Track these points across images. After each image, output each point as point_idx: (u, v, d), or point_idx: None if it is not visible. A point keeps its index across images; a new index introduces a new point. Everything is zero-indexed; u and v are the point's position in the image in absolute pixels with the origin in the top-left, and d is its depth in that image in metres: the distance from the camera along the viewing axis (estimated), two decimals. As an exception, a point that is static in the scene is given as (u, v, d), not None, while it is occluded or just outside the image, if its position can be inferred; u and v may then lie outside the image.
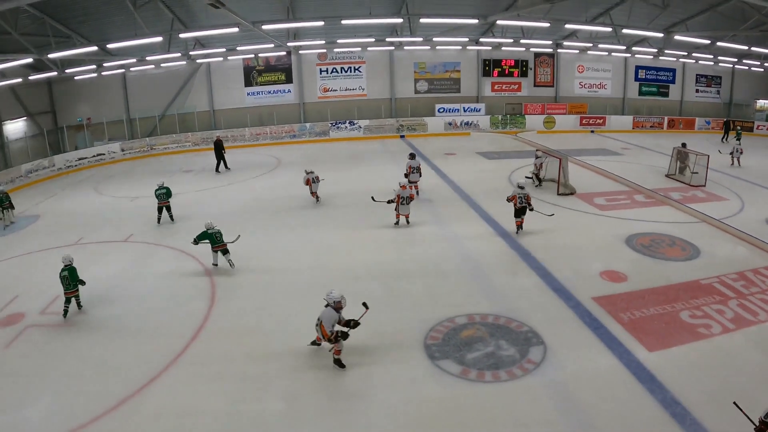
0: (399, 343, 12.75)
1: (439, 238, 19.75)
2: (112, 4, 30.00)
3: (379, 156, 35.00)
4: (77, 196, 30.61)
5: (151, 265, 19.24)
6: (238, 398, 11.16)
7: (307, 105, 45.23)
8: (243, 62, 44.22)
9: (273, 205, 25.14)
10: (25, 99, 40.79)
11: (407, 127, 43.61)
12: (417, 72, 44.64)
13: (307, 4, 31.49)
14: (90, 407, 11.13)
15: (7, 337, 14.52)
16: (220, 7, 15.34)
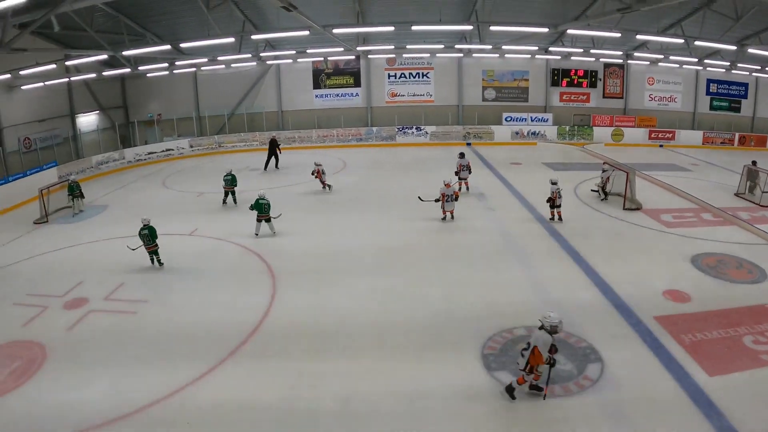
0: (456, 351, 12.73)
1: (501, 248, 19.68)
2: (185, 5, 30.61)
3: (445, 163, 34.88)
4: (145, 189, 31.47)
5: (215, 258, 19.89)
6: (293, 394, 11.38)
7: (374, 109, 45.39)
8: (312, 65, 44.64)
9: (337, 207, 25.55)
10: (98, 93, 42.23)
11: (474, 135, 43.36)
12: (485, 79, 44.31)
13: (377, 9, 31.60)
14: (147, 393, 11.59)
15: (70, 320, 15.41)
16: (293, 11, 15.56)
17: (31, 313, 16.07)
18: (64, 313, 15.97)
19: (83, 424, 10.79)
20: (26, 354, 13.79)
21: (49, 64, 28.89)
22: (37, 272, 19.80)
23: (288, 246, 20.54)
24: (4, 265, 20.67)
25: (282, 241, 21.06)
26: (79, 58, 31.48)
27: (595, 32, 28.91)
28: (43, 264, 20.67)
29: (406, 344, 12.97)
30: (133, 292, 17.12)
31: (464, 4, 29.80)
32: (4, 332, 15.04)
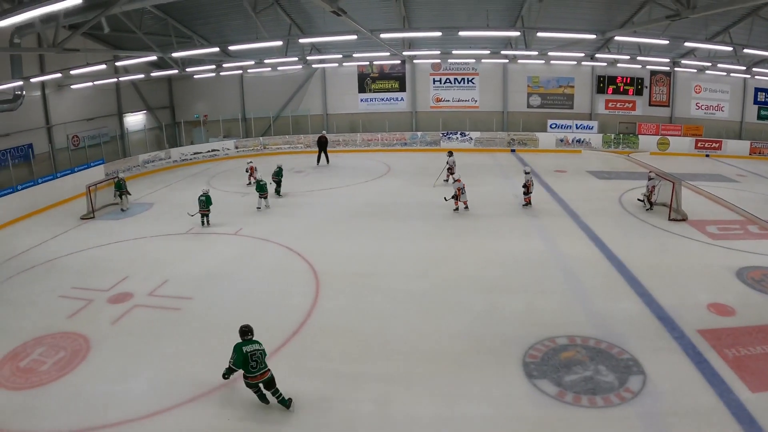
0: (498, 358, 12.60)
1: (545, 255, 19.43)
2: (232, 8, 30.98)
3: (489, 169, 34.78)
4: (190, 188, 31.80)
5: (258, 258, 20.08)
6: (330, 396, 11.39)
7: (419, 114, 45.26)
8: (357, 69, 44.72)
9: (380, 210, 25.56)
10: (145, 94, 43.14)
11: (518, 142, 42.94)
12: (530, 86, 43.83)
13: (423, 14, 31.54)
14: (187, 389, 11.75)
15: (115, 314, 15.74)
16: (341, 15, 15.65)
17: (77, 306, 16.40)
18: (109, 307, 16.26)
19: (124, 416, 10.95)
20: (71, 345, 14.07)
21: (99, 65, 29.40)
22: (83, 266, 20.20)
23: (331, 248, 20.56)
24: (51, 259, 21.18)
25: (325, 244, 21.11)
26: (127, 59, 32.00)
27: (642, 39, 28.52)
28: (89, 259, 21.08)
29: (446, 349, 12.91)
30: (178, 288, 17.31)
31: (510, 10, 29.65)
32: (50, 323, 15.37)
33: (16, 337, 14.67)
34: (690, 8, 17.55)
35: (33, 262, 20.94)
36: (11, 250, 22.55)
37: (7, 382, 12.54)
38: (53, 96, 34.63)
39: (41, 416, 11.18)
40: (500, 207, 24.79)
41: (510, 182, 29.97)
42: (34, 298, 17.47)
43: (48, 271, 20.01)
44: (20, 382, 12.51)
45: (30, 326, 15.29)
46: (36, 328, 15.16)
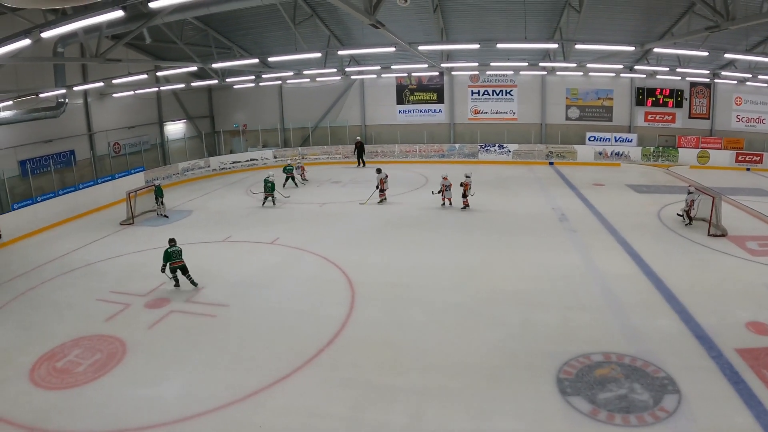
0: (532, 374, 12.42)
1: (581, 270, 19.15)
2: (271, 20, 31.32)
3: (527, 182, 34.53)
4: (229, 196, 32.14)
5: (295, 268, 20.14)
6: (362, 407, 11.35)
7: (457, 126, 45.11)
8: (396, 80, 44.73)
9: (416, 222, 25.52)
10: (186, 103, 43.87)
11: (556, 154, 42.53)
12: (569, 98, 43.29)
13: (461, 26, 31.48)
14: (220, 394, 11.83)
15: (151, 319, 15.98)
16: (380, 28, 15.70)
17: (114, 310, 16.67)
18: (146, 312, 16.49)
19: (157, 419, 11.08)
20: (107, 348, 14.28)
21: (141, 74, 29.84)
22: (122, 271, 20.56)
23: (367, 259, 20.56)
24: (90, 263, 21.61)
25: (361, 254, 21.10)
26: (169, 69, 32.44)
27: (681, 51, 28.14)
28: (128, 263, 21.43)
29: (480, 363, 12.81)
30: (214, 296, 17.48)
31: (548, 21, 29.45)
32: (88, 326, 15.66)
33: (54, 338, 14.98)
34: (729, 20, 17.30)
35: (72, 266, 21.40)
36: (51, 253, 23.11)
37: (43, 381, 12.78)
38: (95, 104, 35.36)
39: (75, 416, 11.35)
40: (537, 220, 24.58)
41: (548, 195, 29.76)
42: (72, 300, 17.84)
43: (86, 274, 20.41)
44: (56, 382, 12.73)
45: (68, 328, 15.59)
46: (73, 329, 15.45)
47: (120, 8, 12.11)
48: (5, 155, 29.13)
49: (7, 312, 17.36)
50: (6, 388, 12.61)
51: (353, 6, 12.52)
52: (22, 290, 19.12)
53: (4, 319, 16.87)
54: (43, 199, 28.09)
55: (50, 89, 27.14)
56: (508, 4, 27.81)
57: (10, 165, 29.19)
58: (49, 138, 31.60)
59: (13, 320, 16.66)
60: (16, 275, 20.78)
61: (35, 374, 13.14)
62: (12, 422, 11.15)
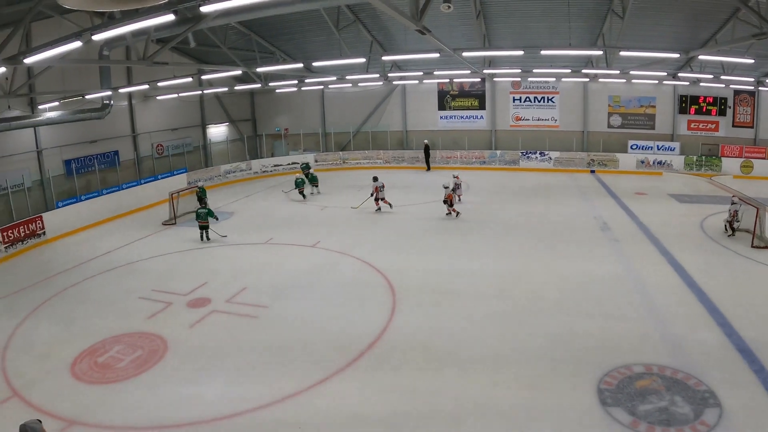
0: (572, 383, 12.23)
1: (623, 280, 18.80)
2: (314, 25, 31.45)
3: (569, 190, 34.14)
4: (270, 199, 32.34)
5: (336, 271, 20.11)
6: (404, 410, 11.25)
7: (498, 132, 44.77)
8: (438, 86, 44.53)
9: (458, 228, 25.34)
10: (228, 106, 44.37)
11: (598, 162, 41.95)
12: (611, 105, 42.55)
13: (503, 32, 31.21)
14: (260, 394, 11.86)
15: (193, 318, 16.14)
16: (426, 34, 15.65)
17: (156, 308, 16.87)
18: (188, 311, 16.65)
19: (196, 417, 11.13)
20: (148, 345, 14.42)
21: (185, 77, 30.14)
22: (164, 270, 20.83)
23: (408, 264, 20.42)
24: (132, 261, 21.93)
25: (402, 259, 21.00)
26: (212, 73, 32.74)
27: (726, 58, 27.69)
28: (170, 263, 21.72)
29: (521, 371, 12.65)
30: (256, 297, 17.52)
31: (591, 28, 29.07)
32: (130, 323, 15.87)
33: (96, 333, 15.21)
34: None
35: (115, 264, 21.74)
36: (94, 251, 23.55)
37: (84, 375, 12.96)
38: (139, 106, 35.88)
39: (115, 411, 11.47)
40: (579, 229, 24.27)
41: (589, 204, 29.40)
42: (114, 297, 18.10)
43: (129, 272, 20.70)
44: (97, 376, 12.90)
45: (110, 324, 15.80)
46: (115, 326, 15.65)
47: (171, 12, 12.20)
48: (51, 154, 29.73)
49: (50, 307, 17.71)
50: (48, 381, 12.80)
51: (400, 12, 12.47)
52: (65, 286, 19.52)
53: (48, 313, 17.20)
54: (87, 198, 28.63)
55: (96, 91, 27.52)
56: (551, 10, 27.48)
57: (55, 164, 29.86)
58: (94, 138, 32.16)
59: (56, 315, 16.97)
60: (59, 271, 21.24)
61: (77, 368, 13.32)
62: (53, 415, 11.26)
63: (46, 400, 11.94)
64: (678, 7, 25.60)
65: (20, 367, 13.72)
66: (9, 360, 14.18)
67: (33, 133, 28.87)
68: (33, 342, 15.18)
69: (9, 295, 19.17)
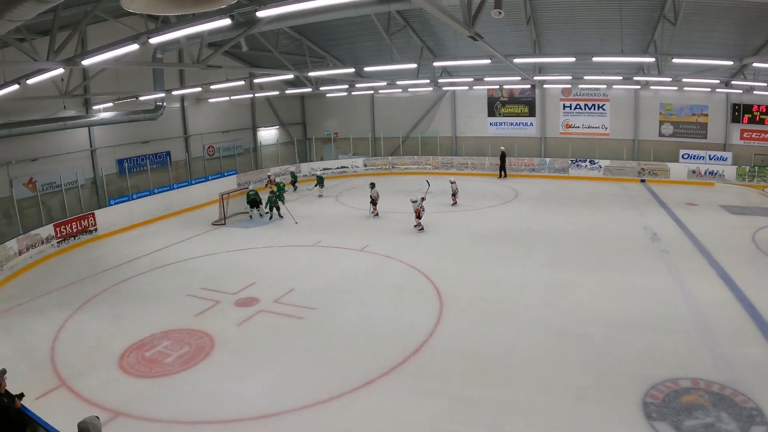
0: (618, 396, 12.01)
1: (672, 292, 18.37)
2: (365, 30, 31.65)
3: (618, 200, 33.58)
4: (319, 202, 32.45)
5: (383, 275, 20.10)
6: (445, 418, 11.21)
7: (548, 140, 44.37)
8: (487, 92, 44.30)
9: (506, 235, 24.99)
10: (279, 110, 44.92)
11: (648, 172, 41.28)
12: (662, 113, 41.64)
13: (554, 38, 30.89)
14: (304, 395, 11.91)
15: (240, 317, 16.35)
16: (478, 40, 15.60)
17: (204, 306, 17.12)
18: (235, 310, 16.85)
19: (240, 414, 11.27)
20: (196, 342, 14.63)
21: (237, 81, 30.51)
22: (213, 269, 21.12)
23: (456, 271, 20.26)
24: (182, 260, 22.33)
25: (450, 266, 20.84)
26: (264, 77, 33.08)
27: (780, 64, 27.11)
28: (219, 262, 22.03)
29: (565, 382, 12.47)
30: (303, 298, 17.60)
31: (642, 34, 28.53)
32: (178, 319, 16.15)
33: (145, 328, 15.52)
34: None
35: (164, 261, 22.18)
36: (145, 248, 24.09)
37: (131, 369, 13.21)
38: (191, 108, 36.51)
39: (160, 405, 11.66)
40: (628, 239, 23.85)
41: (639, 214, 28.90)
42: (163, 294, 18.47)
43: (178, 270, 21.09)
44: (144, 370, 13.13)
45: (158, 320, 16.10)
46: (164, 322, 15.95)
47: (228, 17, 12.37)
48: (104, 154, 30.39)
49: (100, 301, 18.15)
50: (96, 373, 13.09)
51: (453, 18, 12.45)
52: (116, 282, 20.00)
53: (98, 307, 17.65)
54: (139, 197, 29.31)
55: (149, 93, 28.04)
56: (602, 16, 27.14)
57: (108, 163, 30.57)
58: (147, 139, 32.80)
59: (105, 309, 17.39)
60: (110, 267, 21.78)
61: (124, 362, 13.59)
62: (100, 405, 11.50)
63: (93, 391, 12.21)
64: (730, 13, 25.07)
65: (69, 358, 14.09)
66: (58, 351, 14.58)
67: (87, 132, 29.62)
68: (82, 334, 15.60)
69: (60, 289, 19.74)
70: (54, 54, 14.54)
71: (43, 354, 14.46)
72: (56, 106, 27.07)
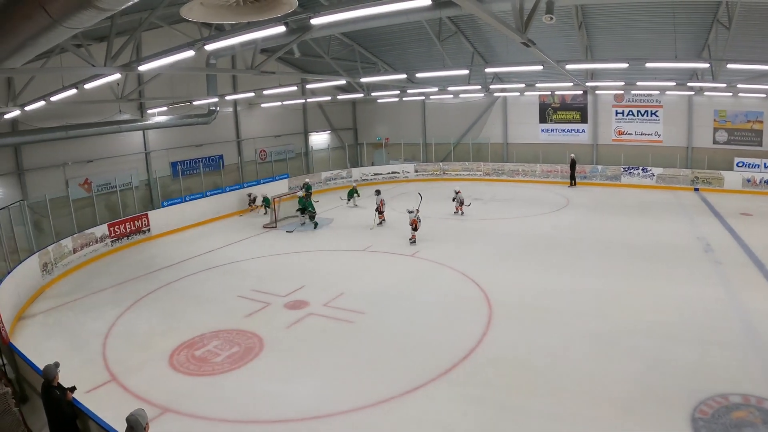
0: (666, 410, 11.70)
1: (724, 305, 17.84)
2: (416, 36, 31.70)
3: (671, 208, 32.89)
4: (370, 207, 32.35)
5: (433, 281, 19.96)
6: (492, 426, 11.12)
7: (600, 147, 43.77)
8: (539, 98, 43.90)
9: (556, 244, 24.58)
10: (330, 115, 45.54)
11: (702, 180, 40.43)
12: (716, 120, 40.47)
13: (606, 44, 30.46)
14: (351, 398, 11.94)
15: (290, 319, 16.47)
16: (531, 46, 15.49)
17: (254, 307, 17.31)
18: (285, 312, 16.97)
19: (287, 415, 11.33)
20: (245, 342, 14.78)
21: (290, 86, 30.81)
22: (263, 271, 21.38)
23: (506, 278, 20.09)
24: (232, 261, 22.67)
25: (500, 273, 20.67)
26: (316, 83, 33.32)
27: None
28: (269, 265, 22.30)
29: (614, 394, 12.23)
30: (352, 302, 17.62)
31: (696, 39, 27.87)
32: (228, 320, 16.37)
33: (195, 328, 15.78)
34: None
35: (215, 263, 22.52)
36: (197, 249, 24.55)
37: (181, 366, 13.44)
38: (244, 112, 37.17)
39: (208, 403, 11.81)
40: (680, 249, 23.32)
41: (692, 223, 28.31)
42: (214, 295, 18.75)
43: (229, 272, 21.38)
44: (193, 368, 13.34)
45: (209, 320, 16.35)
46: (214, 322, 16.19)
47: (282, 24, 12.50)
48: (158, 156, 31.11)
49: (152, 299, 18.56)
50: (147, 370, 13.37)
51: (505, 24, 12.39)
52: (167, 281, 20.40)
53: (149, 305, 18.04)
54: (191, 199, 29.89)
55: (203, 98, 28.59)
56: (655, 21, 26.67)
57: (162, 165, 31.32)
58: (200, 142, 33.46)
59: (157, 307, 17.77)
60: (162, 266, 22.26)
61: (174, 359, 13.83)
62: (148, 401, 11.70)
63: (142, 387, 12.45)
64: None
65: (120, 354, 14.42)
66: (109, 347, 14.95)
67: (142, 135, 30.35)
68: (134, 331, 15.94)
69: (113, 287, 20.28)
70: (111, 60, 14.84)
71: (95, 349, 14.84)
72: (112, 110, 27.78)
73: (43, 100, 20.32)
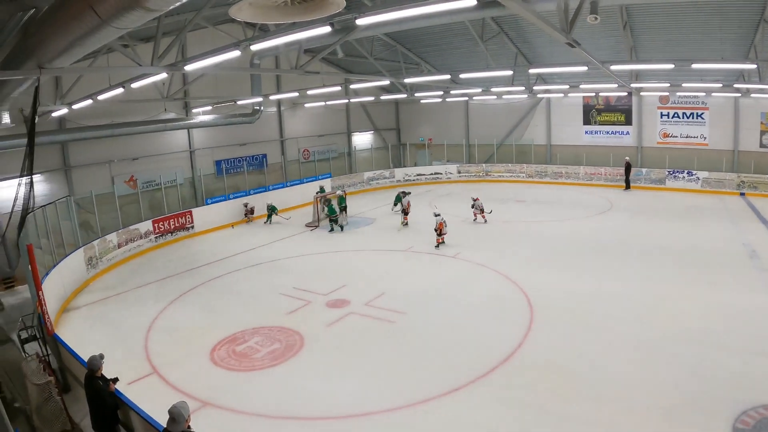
0: (707, 419, 11.46)
1: None
2: (459, 37, 31.58)
3: (717, 213, 32.13)
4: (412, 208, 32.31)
5: (475, 283, 19.86)
6: (531, 430, 11.06)
7: (644, 149, 43.14)
8: (583, 100, 43.38)
9: (599, 248, 24.11)
10: (373, 115, 45.65)
11: (748, 185, 39.63)
12: (764, 123, 39.47)
13: (650, 44, 29.98)
14: (391, 397, 11.98)
15: (331, 318, 16.58)
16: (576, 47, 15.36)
17: (296, 305, 17.45)
18: (326, 310, 17.09)
19: (325, 413, 11.41)
20: (286, 339, 14.92)
21: (333, 86, 31.00)
22: (305, 270, 21.55)
23: (548, 282, 19.80)
24: (275, 259, 22.90)
25: (542, 276, 20.41)
26: (359, 83, 33.41)
27: None
28: (311, 263, 22.45)
29: (654, 401, 12.08)
30: (393, 302, 17.62)
31: (742, 39, 27.21)
32: (270, 316, 16.55)
33: (237, 323, 15.98)
34: None
35: (257, 260, 22.80)
36: (238, 247, 24.89)
37: (222, 361, 13.64)
38: (287, 112, 37.49)
39: (247, 398, 11.96)
40: (725, 255, 22.78)
41: (738, 229, 27.71)
42: (256, 291, 18.98)
43: (271, 269, 21.64)
44: (234, 363, 13.52)
45: (250, 316, 16.55)
46: (256, 318, 16.39)
47: (328, 24, 12.59)
48: (203, 155, 31.55)
49: (195, 295, 18.89)
50: (188, 363, 13.60)
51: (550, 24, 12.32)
52: (210, 277, 20.72)
53: (192, 301, 18.37)
54: (235, 197, 30.35)
55: (247, 97, 28.94)
56: (701, 21, 26.20)
57: (206, 164, 31.79)
58: (244, 141, 33.87)
59: (199, 303, 18.07)
60: (205, 263, 22.64)
61: (215, 354, 14.03)
62: (189, 394, 11.90)
63: (183, 380, 12.67)
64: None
65: (162, 347, 14.71)
66: (152, 340, 15.25)
67: (186, 134, 30.79)
68: (176, 326, 16.25)
69: (156, 282, 20.71)
70: (158, 60, 15.05)
71: (138, 342, 15.15)
72: (157, 109, 28.26)
73: (90, 99, 20.70)
